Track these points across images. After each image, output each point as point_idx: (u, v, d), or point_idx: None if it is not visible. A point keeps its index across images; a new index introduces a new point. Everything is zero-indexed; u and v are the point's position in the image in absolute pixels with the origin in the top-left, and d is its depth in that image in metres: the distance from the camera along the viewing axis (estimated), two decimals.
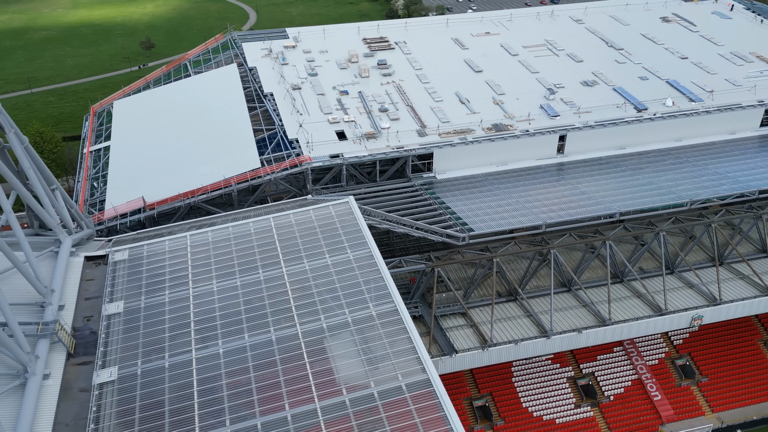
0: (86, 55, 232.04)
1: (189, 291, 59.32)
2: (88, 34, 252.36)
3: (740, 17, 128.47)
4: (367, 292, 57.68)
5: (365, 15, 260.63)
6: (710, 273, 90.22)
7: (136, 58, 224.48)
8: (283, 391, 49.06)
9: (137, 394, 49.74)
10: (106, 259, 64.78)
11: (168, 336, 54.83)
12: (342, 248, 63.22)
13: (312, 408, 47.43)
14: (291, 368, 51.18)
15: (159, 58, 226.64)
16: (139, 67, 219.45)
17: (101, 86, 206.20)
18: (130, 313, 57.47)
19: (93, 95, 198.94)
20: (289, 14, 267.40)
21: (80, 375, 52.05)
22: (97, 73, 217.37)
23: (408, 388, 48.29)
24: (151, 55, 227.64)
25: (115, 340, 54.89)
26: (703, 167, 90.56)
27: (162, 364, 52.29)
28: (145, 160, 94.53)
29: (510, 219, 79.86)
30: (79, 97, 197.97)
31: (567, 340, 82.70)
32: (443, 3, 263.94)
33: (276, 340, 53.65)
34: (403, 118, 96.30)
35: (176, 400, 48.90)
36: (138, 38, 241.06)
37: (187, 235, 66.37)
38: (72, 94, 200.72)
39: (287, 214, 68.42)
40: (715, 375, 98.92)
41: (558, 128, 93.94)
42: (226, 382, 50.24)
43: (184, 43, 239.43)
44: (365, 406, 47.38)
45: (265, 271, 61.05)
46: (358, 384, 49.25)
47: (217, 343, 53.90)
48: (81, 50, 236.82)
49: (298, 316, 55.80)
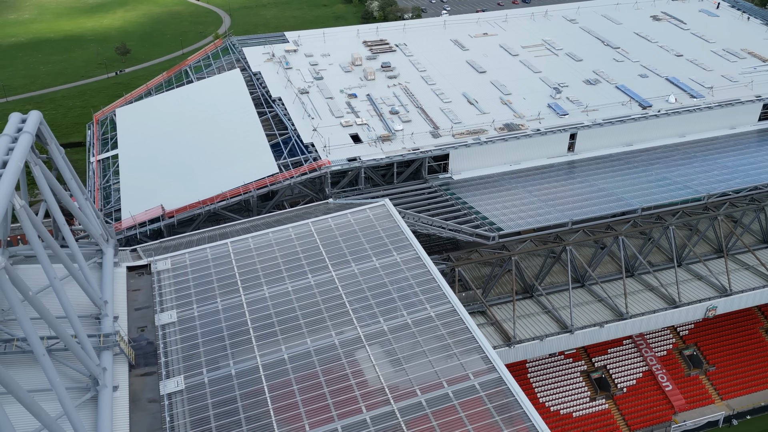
0: (59, 62, 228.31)
1: (241, 298, 59.27)
2: (59, 41, 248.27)
3: (727, 15, 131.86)
4: (422, 294, 58.27)
5: (340, 17, 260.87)
6: (716, 264, 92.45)
7: (112, 64, 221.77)
8: (357, 394, 49.41)
9: (209, 402, 49.63)
10: (148, 268, 64.32)
11: (229, 344, 54.76)
12: (387, 251, 63.70)
13: (389, 410, 47.85)
14: (360, 371, 51.54)
15: (136, 63, 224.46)
16: (116, 73, 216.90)
17: (79, 93, 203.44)
18: (185, 322, 57.25)
19: (72, 102, 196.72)
20: (263, 17, 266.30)
21: (146, 386, 51.77)
22: (72, 80, 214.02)
23: (482, 386, 49.02)
24: (127, 61, 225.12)
25: (175, 349, 54.65)
26: (712, 161, 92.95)
27: (228, 371, 52.25)
28: (157, 168, 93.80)
29: (536, 217, 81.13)
30: (58, 105, 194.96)
31: (589, 335, 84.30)
32: (418, 4, 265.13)
33: (339, 344, 53.96)
34: (414, 119, 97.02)
35: (251, 407, 48.95)
36: (111, 44, 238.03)
37: (228, 243, 66.24)
38: (49, 102, 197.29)
39: (325, 218, 68.67)
40: (722, 364, 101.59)
41: (568, 126, 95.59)
42: (297, 387, 50.40)
43: (159, 48, 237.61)
44: (442, 406, 47.95)
45: (315, 276, 61.28)
46: (430, 385, 49.81)
47: (280, 348, 54.01)
48: (53, 57, 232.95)
49: (357, 319, 56.18)
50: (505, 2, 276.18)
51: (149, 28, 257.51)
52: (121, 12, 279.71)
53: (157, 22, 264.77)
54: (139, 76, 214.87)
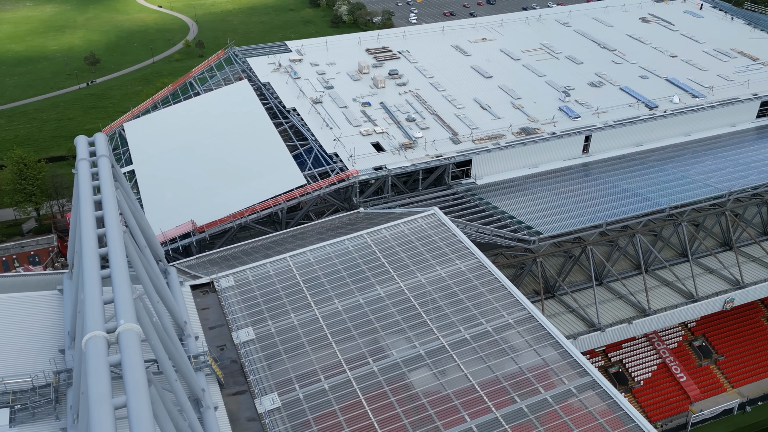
0: (25, 74, 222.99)
1: (315, 312, 59.72)
2: (21, 51, 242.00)
3: (711, 15, 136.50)
4: (495, 301, 59.56)
5: (309, 21, 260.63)
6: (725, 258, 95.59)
7: (82, 75, 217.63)
8: (456, 404, 50.42)
9: (310, 418, 50.07)
10: (211, 286, 64.30)
11: (315, 359, 55.18)
12: (449, 259, 64.84)
13: (492, 417, 48.96)
14: (453, 380, 52.55)
15: (106, 73, 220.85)
16: (88, 83, 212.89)
17: (52, 106, 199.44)
18: (264, 339, 57.48)
19: (45, 115, 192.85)
20: (231, 23, 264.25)
21: (241, 405, 51.93)
22: (42, 92, 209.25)
23: (578, 390, 50.54)
24: (97, 71, 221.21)
25: (261, 367, 54.86)
26: (723, 159, 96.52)
27: (321, 386, 52.70)
28: (178, 183, 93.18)
29: (569, 220, 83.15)
30: (32, 118, 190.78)
31: (618, 332, 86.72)
32: (386, 7, 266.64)
33: (426, 354, 54.89)
34: (432, 126, 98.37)
35: (354, 420, 49.59)
36: (76, 53, 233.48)
37: (287, 257, 66.51)
38: (22, 116, 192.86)
39: (379, 229, 69.45)
40: (730, 353, 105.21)
41: (583, 129, 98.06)
42: (395, 399, 51.16)
43: (128, 57, 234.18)
44: (543, 411, 49.28)
45: (383, 287, 62.06)
46: (526, 391, 51.07)
47: (368, 361, 54.67)
48: (17, 68, 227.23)
49: (437, 329, 57.17)
50: (470, 4, 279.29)
51: (114, 37, 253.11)
52: (82, 20, 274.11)
53: (122, 30, 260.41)
54: (112, 86, 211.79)
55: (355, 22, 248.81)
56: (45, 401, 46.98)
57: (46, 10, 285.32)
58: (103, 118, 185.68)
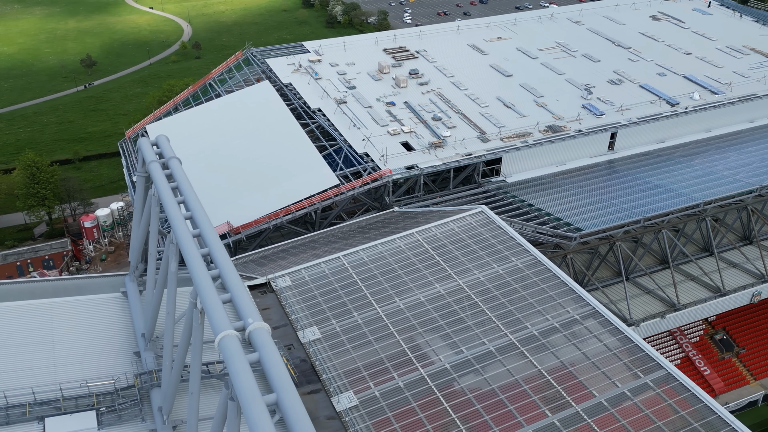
0: (20, 77, 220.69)
1: (377, 310, 59.88)
2: (14, 54, 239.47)
3: (719, 13, 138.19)
4: (558, 297, 60.04)
5: (304, 22, 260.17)
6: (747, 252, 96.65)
7: (79, 77, 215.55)
8: (535, 399, 50.84)
9: (389, 416, 50.25)
10: (268, 286, 64.27)
11: (385, 357, 55.36)
12: (504, 257, 65.26)
13: (573, 412, 49.41)
14: (528, 377, 52.95)
15: (103, 75, 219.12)
16: (85, 86, 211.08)
17: (51, 109, 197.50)
18: (330, 338, 57.57)
19: (45, 119, 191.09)
20: (225, 24, 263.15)
21: (318, 404, 51.98)
22: (39, 95, 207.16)
23: (655, 383, 51.11)
24: (93, 73, 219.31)
25: (332, 365, 54.94)
26: (747, 154, 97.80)
27: (395, 384, 52.90)
28: (209, 184, 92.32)
29: (607, 216, 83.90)
30: (32, 122, 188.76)
31: (651, 327, 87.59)
32: (380, 7, 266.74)
33: (497, 351, 55.26)
34: (459, 125, 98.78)
35: (434, 418, 49.85)
36: (70, 56, 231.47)
37: (341, 256, 66.62)
38: (22, 119, 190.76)
39: (428, 227, 69.75)
40: (751, 345, 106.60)
41: (608, 126, 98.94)
42: (473, 395, 51.49)
43: (124, 59, 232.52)
44: (623, 405, 49.82)
45: (442, 284, 62.37)
46: (602, 385, 51.58)
47: (439, 358, 54.97)
48: (12, 72, 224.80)
49: (503, 325, 57.53)
50: (463, 3, 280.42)
51: (108, 39, 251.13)
52: (73, 22, 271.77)
53: (115, 33, 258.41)
54: (110, 88, 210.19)
55: (350, 23, 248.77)
56: (131, 403, 46.83)
57: (36, 13, 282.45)
58: (104, 121, 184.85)
